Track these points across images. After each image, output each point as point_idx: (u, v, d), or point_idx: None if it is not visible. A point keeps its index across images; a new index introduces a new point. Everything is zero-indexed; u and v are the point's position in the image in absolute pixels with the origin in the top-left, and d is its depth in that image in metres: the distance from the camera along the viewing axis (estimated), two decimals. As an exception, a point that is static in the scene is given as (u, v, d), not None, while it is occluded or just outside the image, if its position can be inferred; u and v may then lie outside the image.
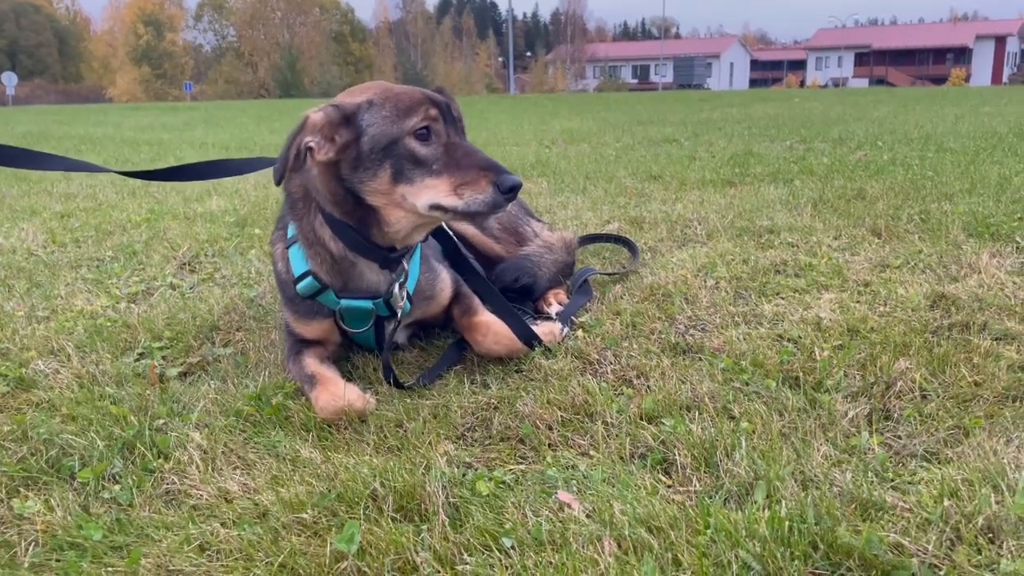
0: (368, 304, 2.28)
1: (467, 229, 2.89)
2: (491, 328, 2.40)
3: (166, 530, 1.60)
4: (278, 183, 2.09)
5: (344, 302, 2.27)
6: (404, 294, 2.29)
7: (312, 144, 2.01)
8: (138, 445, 1.92)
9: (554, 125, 13.76)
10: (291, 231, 2.31)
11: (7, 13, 75.37)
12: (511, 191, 1.98)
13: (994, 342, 2.40)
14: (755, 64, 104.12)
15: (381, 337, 2.37)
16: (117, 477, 1.82)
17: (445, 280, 2.52)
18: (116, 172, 2.48)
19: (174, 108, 33.28)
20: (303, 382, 2.20)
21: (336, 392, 2.07)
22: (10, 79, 55.20)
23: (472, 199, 1.98)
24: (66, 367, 2.46)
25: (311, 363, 2.24)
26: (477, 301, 2.53)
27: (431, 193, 2.01)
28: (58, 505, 1.68)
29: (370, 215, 2.12)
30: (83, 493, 1.75)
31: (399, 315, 2.29)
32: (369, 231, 2.15)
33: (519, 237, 3.04)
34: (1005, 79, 77.85)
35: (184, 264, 3.86)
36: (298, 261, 2.27)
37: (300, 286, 2.26)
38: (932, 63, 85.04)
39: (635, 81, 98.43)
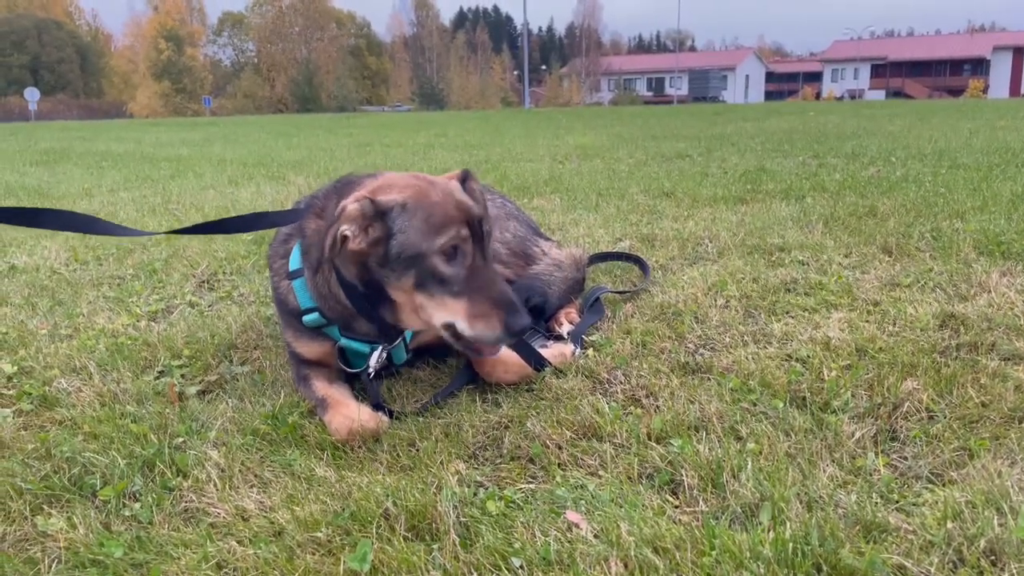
0: (366, 348, 2.34)
1: None
2: (499, 358, 2.40)
3: (184, 548, 1.64)
4: (315, 270, 2.20)
5: (345, 341, 2.34)
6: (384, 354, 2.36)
7: (348, 233, 2.05)
8: (158, 463, 1.97)
9: (568, 140, 13.82)
10: (294, 263, 2.36)
11: (29, 30, 76.56)
12: (518, 333, 2.07)
13: (1002, 362, 2.41)
14: (771, 76, 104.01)
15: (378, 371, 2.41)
16: (137, 495, 1.87)
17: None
18: (162, 233, 2.57)
19: (193, 123, 33.66)
20: (315, 404, 2.25)
21: (348, 414, 2.12)
22: (32, 94, 55.96)
23: (482, 332, 2.05)
24: (88, 385, 2.52)
25: (320, 386, 2.30)
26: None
27: (447, 313, 2.08)
28: (80, 522, 1.74)
29: (387, 301, 2.18)
30: (104, 511, 1.80)
31: (372, 366, 2.34)
32: (381, 310, 2.22)
33: (527, 258, 3.07)
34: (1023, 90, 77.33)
35: (203, 282, 3.93)
36: (304, 295, 2.33)
37: (306, 319, 2.32)
38: (949, 74, 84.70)
39: (650, 94, 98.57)
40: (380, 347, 2.33)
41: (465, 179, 2.27)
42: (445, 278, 2.05)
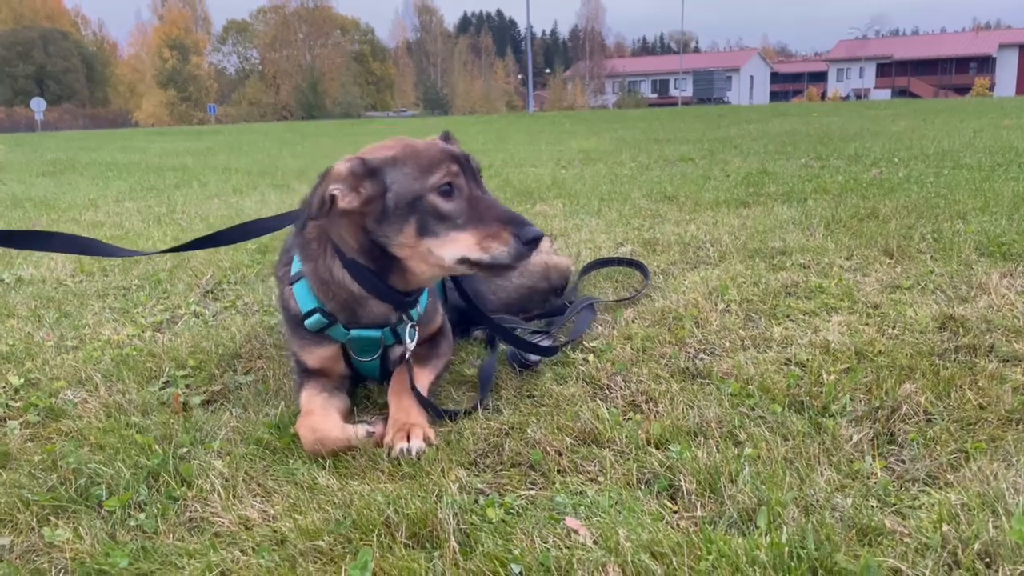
0: (377, 333, 2.35)
1: None
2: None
3: (189, 557, 1.67)
4: (301, 229, 2.18)
5: (354, 332, 2.34)
6: (415, 331, 2.37)
7: (336, 192, 2.09)
8: (162, 473, 2.00)
9: (571, 145, 13.85)
10: (295, 268, 2.38)
11: (35, 40, 76.95)
12: (532, 242, 2.07)
13: (1000, 364, 2.43)
14: (775, 77, 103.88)
15: (386, 367, 2.43)
16: (142, 505, 1.89)
17: (439, 306, 2.62)
18: (156, 253, 2.60)
19: (198, 132, 33.80)
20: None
21: (312, 424, 2.13)
22: (39, 104, 56.27)
23: (498, 251, 2.07)
24: (94, 396, 2.55)
25: (305, 394, 2.32)
26: (437, 350, 2.57)
27: (457, 247, 2.10)
28: (86, 533, 1.76)
29: (394, 264, 2.21)
30: (110, 521, 1.82)
31: (410, 345, 2.35)
32: (390, 277, 2.24)
33: None
34: (1029, 88, 77.12)
35: (207, 292, 3.97)
36: (304, 298, 2.34)
37: (308, 322, 2.33)
38: (955, 72, 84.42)
39: (654, 96, 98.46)
40: (407, 324, 2.34)
41: (446, 138, 2.35)
42: (446, 214, 2.09)
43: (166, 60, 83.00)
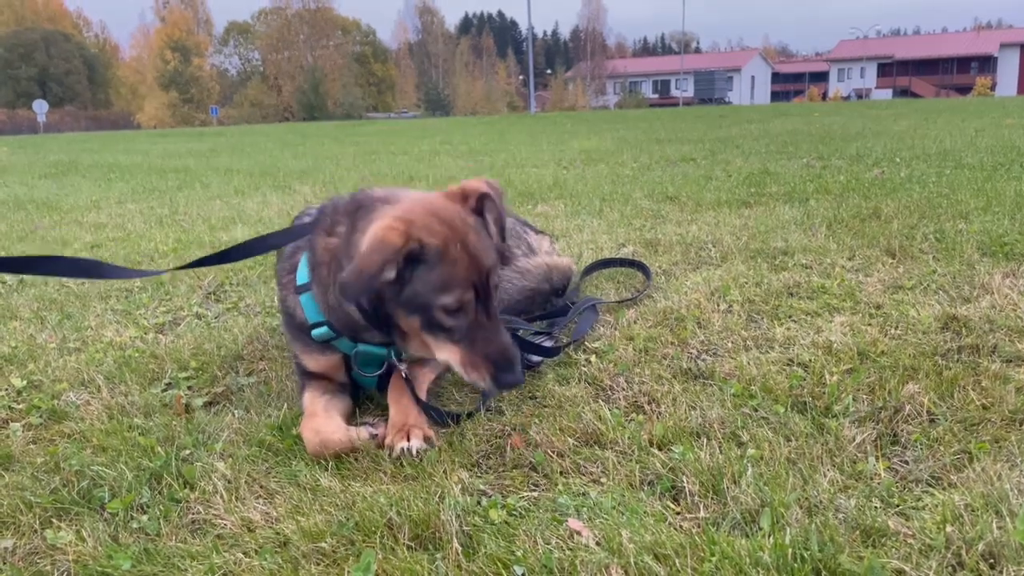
0: (383, 350, 2.34)
1: None
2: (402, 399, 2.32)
3: (192, 559, 1.67)
4: (325, 288, 2.24)
5: (361, 346, 2.34)
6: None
7: (383, 267, 2.01)
8: (165, 475, 2.00)
9: (573, 145, 13.84)
10: (302, 277, 2.36)
11: (37, 42, 76.98)
12: (506, 388, 2.17)
13: (1003, 364, 2.42)
14: (776, 77, 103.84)
15: (384, 380, 2.42)
16: (145, 507, 1.89)
17: None
18: (166, 272, 2.62)
19: (200, 134, 33.82)
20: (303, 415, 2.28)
21: (315, 426, 2.14)
22: (41, 107, 56.28)
23: (475, 380, 2.12)
24: (96, 398, 2.55)
25: (308, 396, 2.33)
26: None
27: (446, 355, 2.15)
28: (89, 535, 1.76)
29: (396, 327, 2.20)
30: (113, 523, 1.82)
31: (402, 367, 2.35)
32: (391, 332, 2.23)
33: (503, 258, 3.06)
34: (1031, 87, 77.03)
35: (209, 293, 3.97)
36: (312, 310, 2.34)
37: (315, 333, 2.32)
38: (956, 72, 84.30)
39: (655, 96, 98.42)
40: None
41: (483, 200, 2.24)
42: (447, 327, 2.11)
43: (168, 62, 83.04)
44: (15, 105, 73.76)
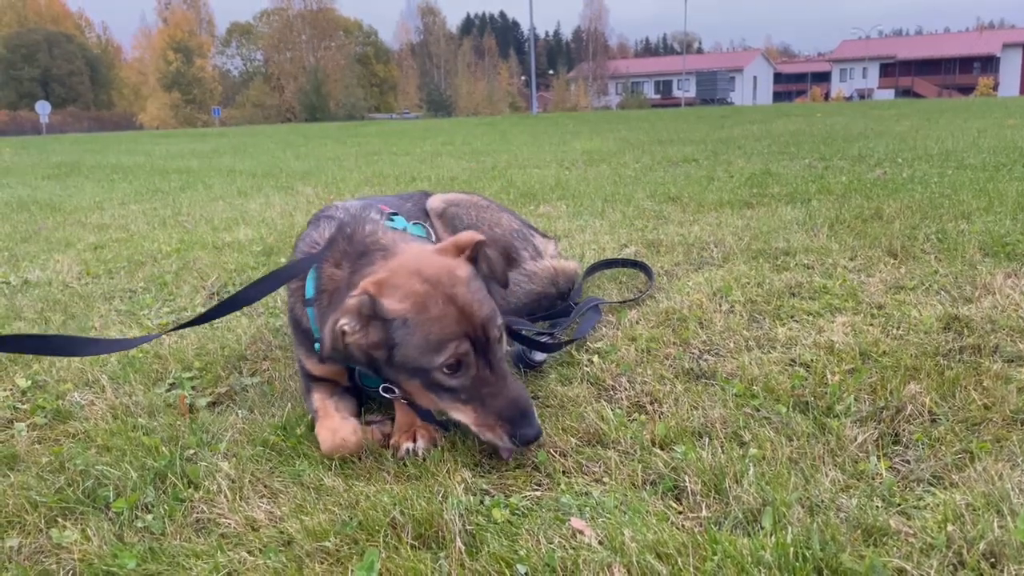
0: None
1: None
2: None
3: (196, 559, 1.68)
4: (322, 360, 2.22)
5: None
6: None
7: (346, 328, 2.02)
8: (169, 475, 2.01)
9: (575, 146, 13.85)
10: (310, 290, 2.35)
11: (40, 43, 77.15)
12: (526, 444, 2.02)
13: (1005, 364, 2.43)
14: (778, 77, 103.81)
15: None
16: (150, 507, 1.90)
17: None
18: (169, 332, 2.64)
19: (203, 134, 33.88)
20: (312, 415, 2.29)
21: (331, 426, 2.15)
22: (44, 108, 56.37)
23: (492, 441, 2.03)
24: (101, 398, 2.57)
25: (317, 397, 2.33)
26: None
27: (459, 416, 2.08)
28: (94, 534, 1.77)
29: (401, 388, 2.17)
30: (118, 523, 1.83)
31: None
32: (398, 389, 2.20)
33: (509, 260, 3.07)
34: (1034, 87, 76.94)
35: (213, 294, 3.98)
36: (317, 325, 2.32)
37: (318, 348, 2.31)
38: (959, 72, 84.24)
39: (658, 97, 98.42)
40: None
41: (477, 248, 2.23)
42: (450, 388, 2.04)
43: (170, 63, 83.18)
44: (18, 106, 73.91)
